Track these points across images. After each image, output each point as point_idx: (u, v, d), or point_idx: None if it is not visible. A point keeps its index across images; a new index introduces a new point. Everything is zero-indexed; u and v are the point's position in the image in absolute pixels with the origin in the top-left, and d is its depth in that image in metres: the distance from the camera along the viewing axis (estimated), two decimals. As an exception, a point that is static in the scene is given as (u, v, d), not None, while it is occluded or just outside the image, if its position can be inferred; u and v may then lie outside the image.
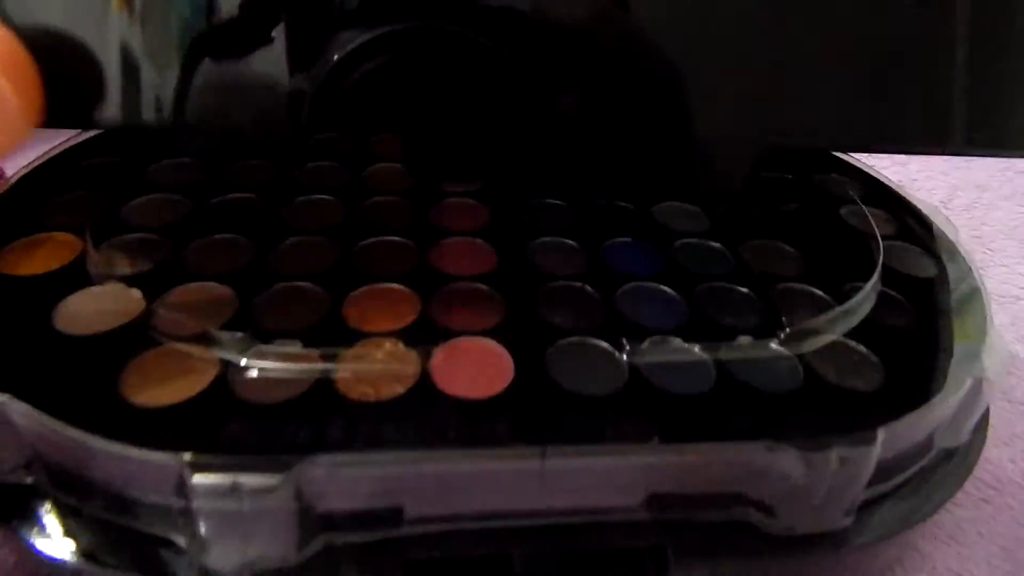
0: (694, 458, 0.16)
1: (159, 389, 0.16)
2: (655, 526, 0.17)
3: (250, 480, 0.14)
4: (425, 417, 0.16)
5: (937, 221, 0.26)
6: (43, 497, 0.16)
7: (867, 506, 0.17)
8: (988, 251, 0.37)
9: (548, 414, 0.16)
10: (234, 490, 0.14)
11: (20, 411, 0.15)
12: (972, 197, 0.41)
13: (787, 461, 0.16)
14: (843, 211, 0.25)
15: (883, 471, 0.17)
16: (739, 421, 0.17)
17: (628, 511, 0.16)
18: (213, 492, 0.14)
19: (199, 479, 0.14)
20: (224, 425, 0.15)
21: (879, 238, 0.24)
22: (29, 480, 0.16)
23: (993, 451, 0.25)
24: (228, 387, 0.16)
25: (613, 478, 0.16)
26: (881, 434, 0.16)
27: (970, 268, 0.23)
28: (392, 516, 0.16)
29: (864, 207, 0.25)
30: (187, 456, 0.14)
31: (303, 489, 0.15)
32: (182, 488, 0.14)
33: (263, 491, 0.14)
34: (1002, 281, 0.34)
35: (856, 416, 0.17)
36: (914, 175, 0.42)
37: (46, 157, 0.24)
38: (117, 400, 0.15)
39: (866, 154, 0.42)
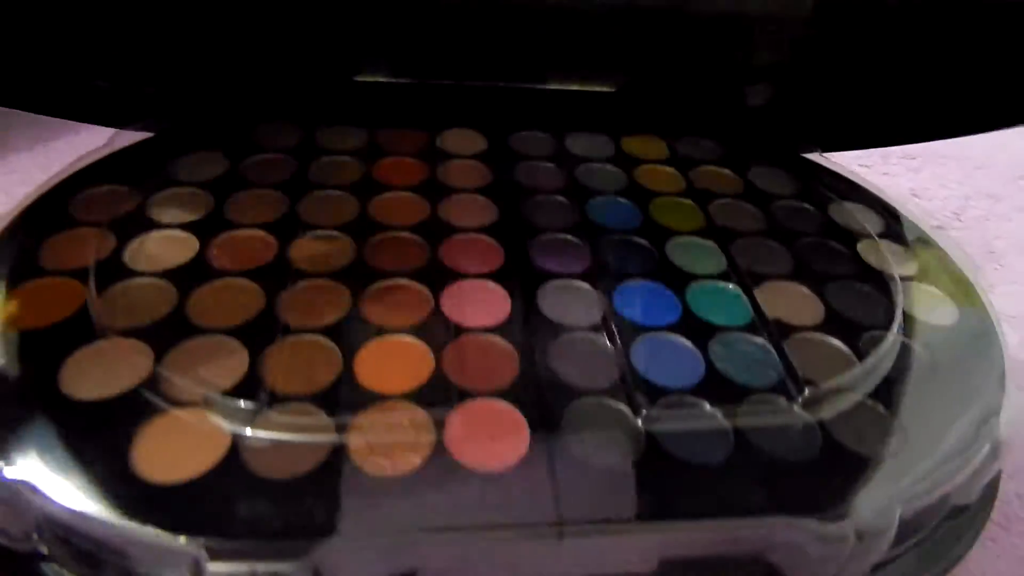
0: (710, 533, 0.16)
1: (171, 462, 0.15)
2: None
3: (267, 567, 0.14)
4: (442, 492, 0.16)
5: (955, 256, 0.25)
6: (53, 564, 0.16)
7: (880, 566, 0.18)
8: (999, 267, 0.36)
9: (565, 487, 0.16)
10: (250, 576, 0.14)
11: (32, 490, 0.15)
12: (985, 207, 0.40)
13: (804, 536, 0.16)
14: (860, 247, 0.25)
15: (897, 534, 0.17)
16: (756, 493, 0.17)
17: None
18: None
19: (216, 567, 0.14)
20: (238, 503, 0.15)
21: (898, 279, 0.23)
22: (40, 548, 0.16)
23: (1000, 485, 0.25)
24: (241, 460, 0.16)
25: (628, 549, 0.16)
26: (899, 508, 0.16)
27: (990, 316, 0.22)
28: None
29: (881, 242, 0.25)
30: (203, 542, 0.14)
31: (321, 570, 0.14)
32: (198, 571, 0.14)
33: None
34: (1015, 300, 0.34)
35: (875, 484, 0.17)
36: (927, 183, 0.42)
37: (44, 190, 0.23)
38: (129, 475, 0.15)
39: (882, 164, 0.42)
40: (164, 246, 0.21)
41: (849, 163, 0.42)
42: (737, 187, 0.27)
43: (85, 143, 0.38)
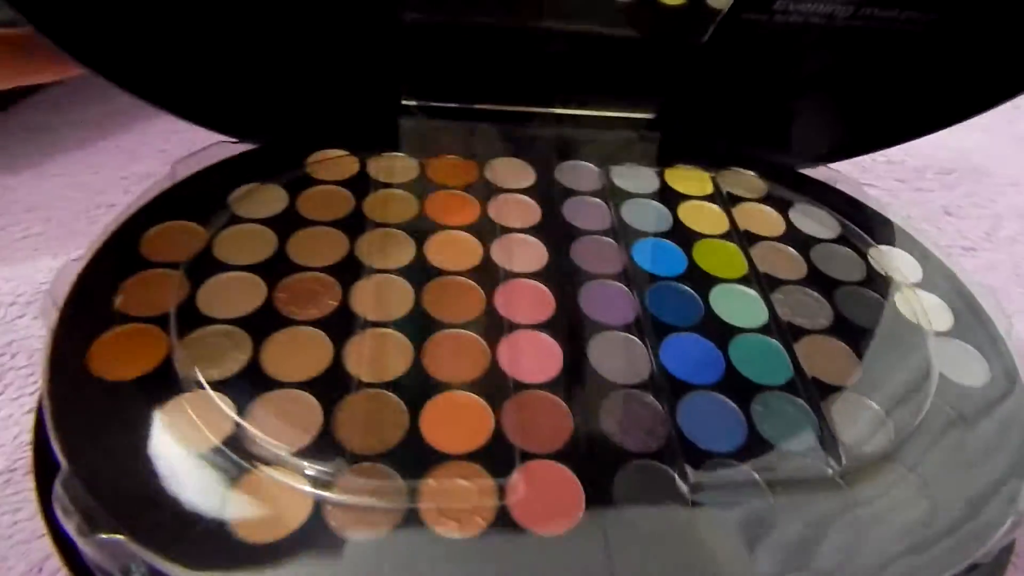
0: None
1: (263, 521, 0.17)
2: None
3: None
4: (505, 556, 0.17)
5: (987, 306, 0.26)
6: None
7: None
8: (1027, 292, 0.37)
9: (617, 551, 0.18)
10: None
11: (135, 551, 0.16)
12: (1017, 228, 0.41)
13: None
14: (898, 298, 0.26)
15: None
16: (789, 558, 0.18)
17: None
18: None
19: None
20: (323, 562, 0.16)
21: (933, 335, 0.24)
22: None
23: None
24: (323, 521, 0.17)
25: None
26: (925, 579, 0.18)
27: (1018, 375, 0.23)
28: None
29: (918, 292, 0.26)
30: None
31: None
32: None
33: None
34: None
35: (903, 558, 0.18)
36: (960, 200, 0.42)
37: (113, 228, 0.24)
38: (227, 536, 0.17)
39: (916, 179, 0.42)
40: (234, 290, 0.22)
41: (884, 178, 0.43)
42: (779, 228, 0.28)
43: (133, 142, 0.39)
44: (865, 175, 0.43)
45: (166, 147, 0.38)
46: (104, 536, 0.16)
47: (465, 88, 0.30)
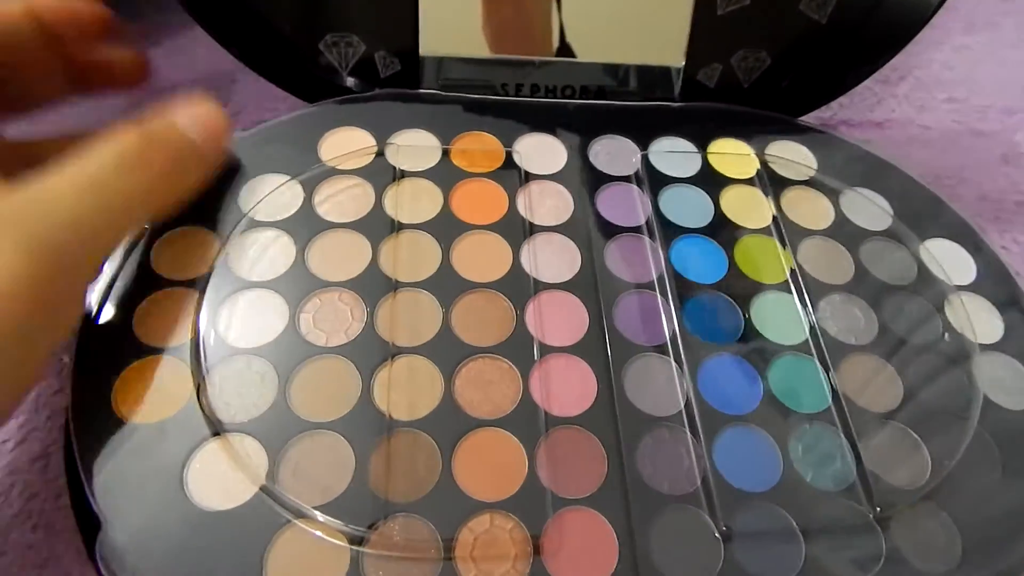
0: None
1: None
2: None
3: None
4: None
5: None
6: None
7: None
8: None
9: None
10: None
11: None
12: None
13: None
14: (947, 305, 0.24)
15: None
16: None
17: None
18: None
19: None
20: (366, 627, 0.17)
21: (979, 349, 0.23)
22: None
23: None
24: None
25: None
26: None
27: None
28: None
29: (966, 297, 0.24)
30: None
31: None
32: None
33: None
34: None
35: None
36: (1023, 145, 0.39)
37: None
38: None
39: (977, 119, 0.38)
40: (256, 312, 0.21)
41: (942, 120, 0.39)
42: (827, 219, 0.26)
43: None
44: (923, 115, 0.39)
45: (163, 86, 0.36)
46: None
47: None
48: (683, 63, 0.30)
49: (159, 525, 0.18)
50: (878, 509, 0.20)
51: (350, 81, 0.29)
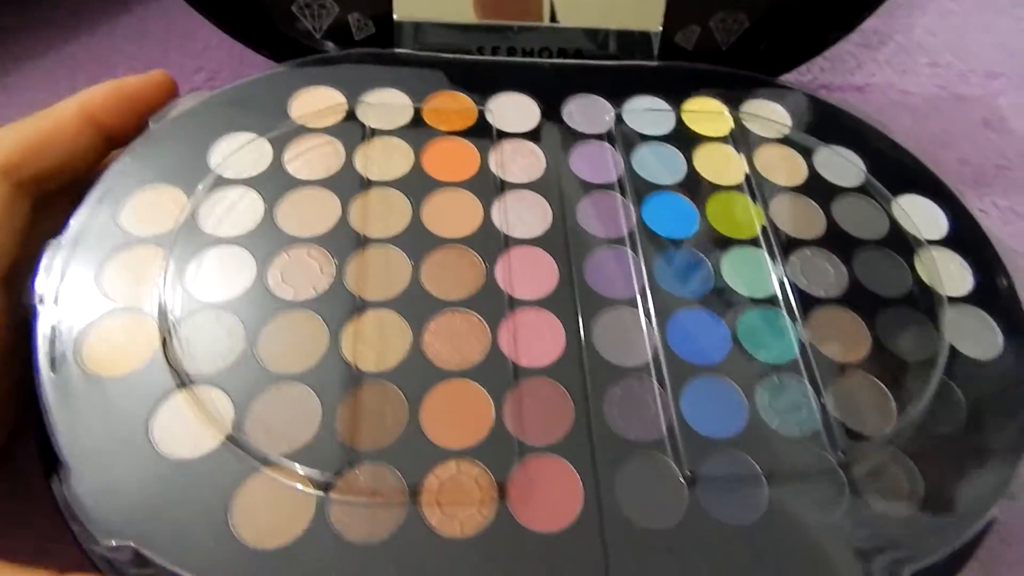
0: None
1: (266, 525, 0.18)
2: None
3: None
4: (507, 557, 0.18)
5: (1011, 266, 0.25)
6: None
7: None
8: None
9: (615, 552, 0.18)
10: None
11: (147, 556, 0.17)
12: (1058, 142, 0.38)
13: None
14: (917, 260, 0.24)
15: None
16: (782, 554, 0.19)
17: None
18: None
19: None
20: (332, 572, 0.17)
21: (946, 302, 0.23)
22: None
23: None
24: (327, 523, 0.18)
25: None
26: (908, 569, 0.18)
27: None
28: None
29: (938, 251, 0.24)
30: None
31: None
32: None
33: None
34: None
35: (890, 548, 0.19)
36: (1004, 111, 0.38)
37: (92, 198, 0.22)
38: (231, 540, 0.17)
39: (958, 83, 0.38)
40: (223, 267, 0.21)
41: (924, 84, 0.39)
42: (800, 175, 0.26)
43: (102, 45, 0.36)
44: (904, 79, 0.39)
45: (138, 53, 0.35)
46: (114, 543, 0.17)
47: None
48: (660, 28, 0.29)
49: (124, 473, 0.18)
50: (842, 454, 0.20)
51: (325, 45, 0.29)
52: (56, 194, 0.22)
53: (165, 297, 0.21)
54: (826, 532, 0.19)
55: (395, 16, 0.28)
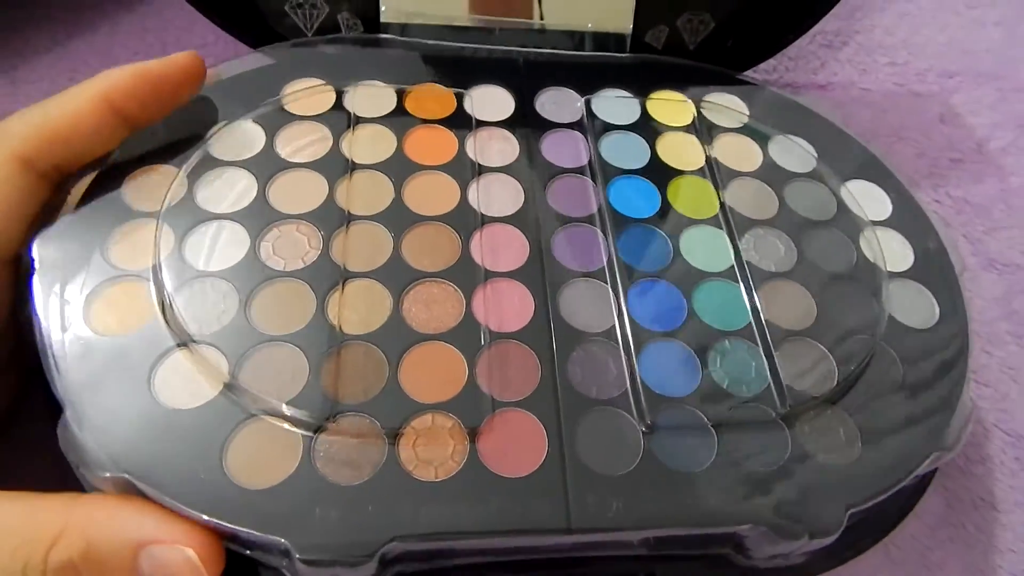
0: (687, 529, 0.20)
1: (259, 467, 0.19)
2: (649, 558, 0.21)
3: (343, 563, 0.18)
4: (476, 498, 0.20)
5: (948, 244, 0.27)
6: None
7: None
8: (1006, 208, 0.37)
9: (576, 494, 0.20)
10: (331, 566, 0.18)
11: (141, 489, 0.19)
12: (1010, 139, 0.40)
13: (765, 538, 0.20)
14: (862, 237, 0.26)
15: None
16: (730, 499, 0.20)
17: (628, 547, 0.21)
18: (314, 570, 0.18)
19: (301, 563, 0.18)
20: (315, 509, 0.19)
21: (888, 276, 0.25)
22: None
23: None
24: (313, 468, 0.19)
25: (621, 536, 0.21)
26: (847, 511, 0.20)
27: (966, 319, 0.25)
28: (446, 554, 0.20)
29: (882, 231, 0.26)
30: (286, 543, 0.18)
31: (384, 555, 0.19)
32: (289, 556, 0.18)
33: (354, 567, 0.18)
34: (1012, 244, 0.35)
35: (832, 493, 0.21)
36: (959, 107, 0.41)
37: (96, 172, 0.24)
38: (226, 482, 0.19)
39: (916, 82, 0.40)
40: (220, 241, 0.23)
41: (883, 81, 0.41)
42: (755, 162, 0.28)
43: (103, 41, 0.37)
44: (864, 77, 0.41)
45: (139, 48, 0.37)
46: (107, 475, 0.18)
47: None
48: (631, 28, 0.31)
49: (125, 419, 0.20)
50: (786, 408, 0.22)
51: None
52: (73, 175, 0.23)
53: (165, 265, 0.22)
54: (770, 479, 0.21)
55: (382, 19, 0.30)
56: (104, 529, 0.18)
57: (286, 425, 0.20)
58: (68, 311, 0.21)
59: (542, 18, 0.31)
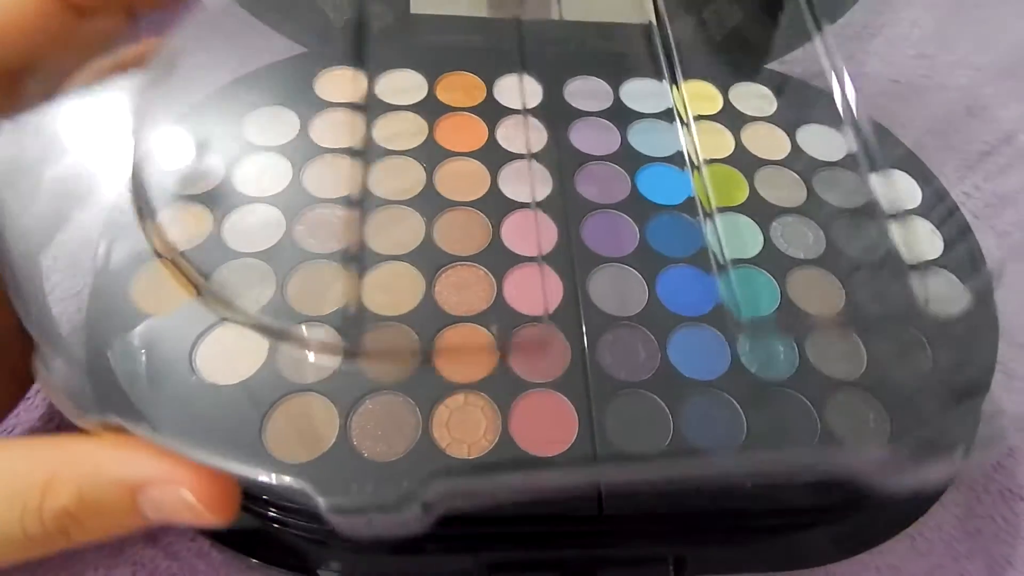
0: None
1: (296, 443, 0.20)
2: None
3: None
4: (508, 476, 0.20)
5: (979, 233, 0.27)
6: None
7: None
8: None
9: (605, 471, 0.20)
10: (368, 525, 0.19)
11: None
12: (1039, 131, 0.39)
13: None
14: (894, 226, 0.26)
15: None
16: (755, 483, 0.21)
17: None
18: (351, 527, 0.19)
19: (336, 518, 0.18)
20: (352, 484, 0.19)
21: (921, 266, 0.25)
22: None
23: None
24: (350, 445, 0.20)
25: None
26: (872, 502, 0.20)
27: (996, 312, 0.24)
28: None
29: (915, 220, 0.26)
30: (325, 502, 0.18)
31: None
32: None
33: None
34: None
35: (859, 478, 0.21)
36: (988, 99, 0.40)
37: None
38: (265, 456, 0.19)
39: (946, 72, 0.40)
40: (258, 223, 0.24)
41: (910, 74, 0.41)
42: (784, 150, 0.28)
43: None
44: (892, 70, 0.41)
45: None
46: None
47: None
48: (654, 20, 0.32)
49: (168, 393, 0.20)
50: (815, 396, 0.22)
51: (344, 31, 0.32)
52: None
53: (206, 246, 0.23)
54: (798, 463, 0.21)
55: (411, 10, 0.31)
56: (94, 473, 0.16)
57: (322, 402, 0.21)
58: (114, 293, 0.22)
59: (560, 15, 0.31)
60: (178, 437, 0.19)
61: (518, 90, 0.29)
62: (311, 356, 0.21)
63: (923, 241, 0.26)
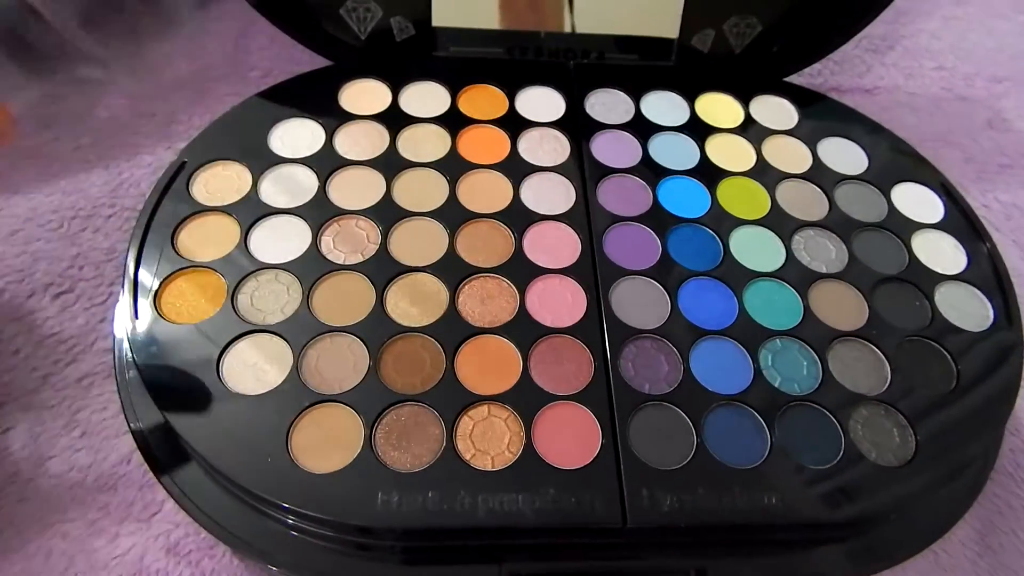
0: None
1: (322, 453, 0.20)
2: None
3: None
4: (531, 488, 0.20)
5: (1003, 248, 0.26)
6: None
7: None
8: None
9: (630, 487, 0.20)
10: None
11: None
12: (1060, 143, 0.39)
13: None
14: (916, 240, 0.26)
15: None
16: (780, 495, 0.21)
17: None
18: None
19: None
20: (378, 493, 0.19)
21: (944, 279, 0.25)
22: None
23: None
24: (375, 457, 0.20)
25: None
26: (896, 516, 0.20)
27: (1021, 327, 0.24)
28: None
29: (937, 234, 0.26)
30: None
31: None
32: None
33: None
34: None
35: (882, 491, 0.21)
36: (1008, 112, 0.40)
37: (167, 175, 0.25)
38: (291, 466, 0.20)
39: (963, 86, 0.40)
40: (282, 234, 0.24)
41: (930, 86, 0.41)
42: (805, 163, 0.28)
43: (166, 47, 0.39)
44: (911, 82, 0.41)
45: (201, 54, 0.38)
46: None
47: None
48: (677, 34, 0.32)
49: (195, 403, 0.20)
50: (838, 410, 0.22)
51: (368, 44, 0.32)
52: None
53: (232, 257, 0.23)
54: (821, 477, 0.21)
55: (433, 23, 0.31)
56: None
57: (348, 413, 0.21)
58: (142, 301, 0.22)
59: (573, 28, 0.31)
60: (204, 447, 0.20)
61: (540, 102, 0.29)
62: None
63: (946, 255, 0.26)
